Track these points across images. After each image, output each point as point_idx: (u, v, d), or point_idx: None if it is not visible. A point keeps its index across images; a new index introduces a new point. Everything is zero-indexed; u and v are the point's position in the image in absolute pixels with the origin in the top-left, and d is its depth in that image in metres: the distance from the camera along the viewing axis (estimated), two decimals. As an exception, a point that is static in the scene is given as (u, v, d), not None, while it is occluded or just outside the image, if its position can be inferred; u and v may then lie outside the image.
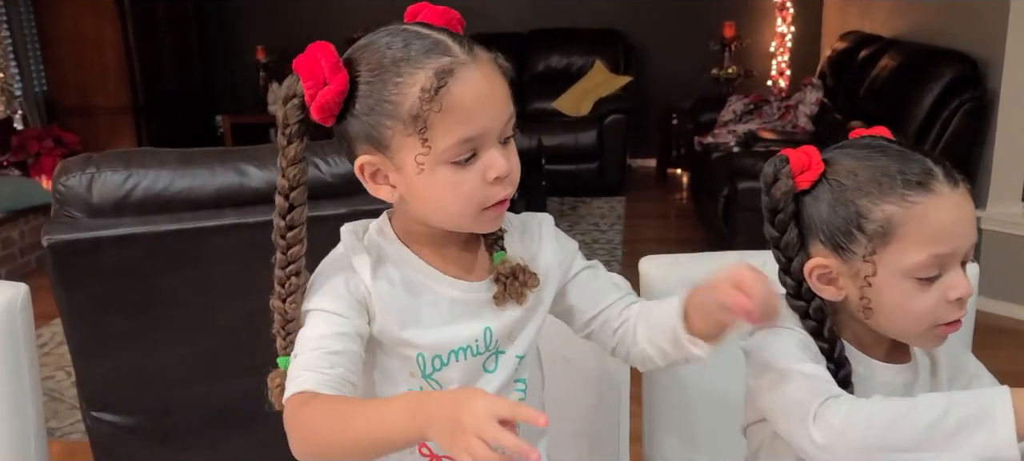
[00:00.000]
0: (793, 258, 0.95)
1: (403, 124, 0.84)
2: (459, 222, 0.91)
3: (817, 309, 0.94)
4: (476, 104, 0.85)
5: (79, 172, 1.86)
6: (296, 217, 0.90)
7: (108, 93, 5.18)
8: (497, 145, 0.88)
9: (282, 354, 0.91)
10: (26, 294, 1.21)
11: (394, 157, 0.87)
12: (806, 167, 0.92)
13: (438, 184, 0.87)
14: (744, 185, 3.45)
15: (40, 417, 1.25)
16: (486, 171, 0.87)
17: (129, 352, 1.98)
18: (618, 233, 4.72)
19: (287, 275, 0.90)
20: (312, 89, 0.85)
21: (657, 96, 5.93)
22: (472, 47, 0.87)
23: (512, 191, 0.90)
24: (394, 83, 0.84)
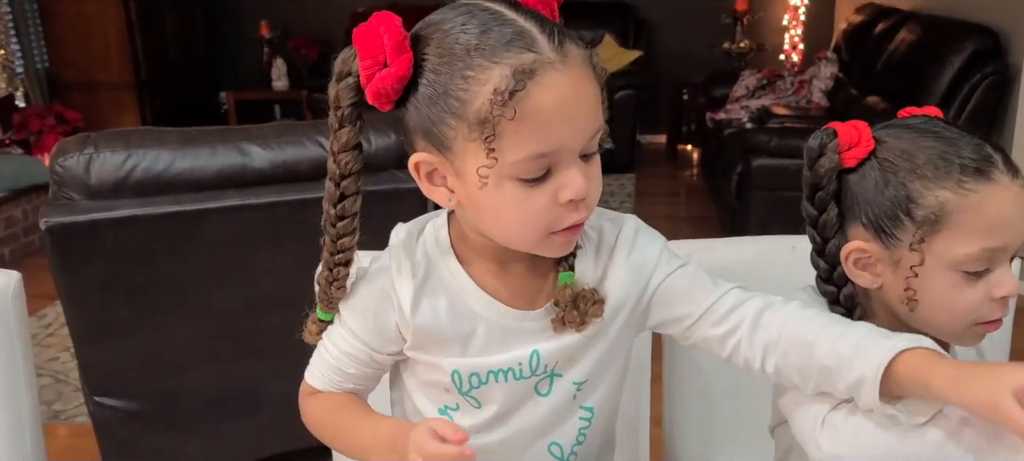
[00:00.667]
0: (830, 239, 0.89)
1: (468, 127, 0.72)
2: (522, 243, 0.79)
3: (848, 296, 0.89)
4: (558, 115, 0.71)
5: (77, 152, 1.81)
6: (347, 207, 0.80)
7: (110, 69, 5.12)
8: (577, 162, 0.75)
9: (324, 309, 0.88)
10: (18, 282, 1.16)
11: (454, 160, 0.75)
12: (855, 143, 0.85)
13: (502, 200, 0.75)
14: (759, 162, 3.38)
15: (35, 410, 1.20)
16: (559, 191, 0.74)
17: (131, 336, 1.94)
18: (628, 210, 4.62)
19: (335, 263, 0.83)
20: (369, 70, 0.73)
21: (667, 71, 5.84)
22: (563, 41, 0.73)
23: (588, 215, 0.78)
24: (463, 76, 0.71)
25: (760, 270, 1.20)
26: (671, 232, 1.30)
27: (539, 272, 0.85)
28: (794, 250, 1.20)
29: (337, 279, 0.84)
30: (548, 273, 0.86)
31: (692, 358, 1.24)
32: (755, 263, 1.21)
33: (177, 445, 2.11)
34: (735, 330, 0.86)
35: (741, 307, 0.86)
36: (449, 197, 0.78)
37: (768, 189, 3.36)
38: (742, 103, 4.69)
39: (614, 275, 0.87)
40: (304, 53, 5.80)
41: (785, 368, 0.83)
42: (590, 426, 0.93)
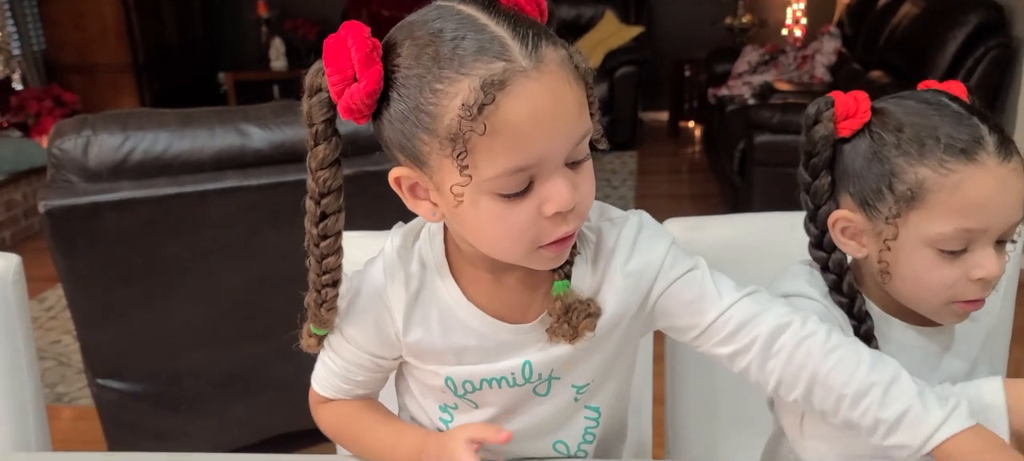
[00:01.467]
0: (821, 206, 0.91)
1: (440, 143, 0.67)
2: (508, 258, 0.75)
3: (837, 262, 0.90)
4: (533, 125, 0.66)
5: (74, 135, 1.79)
6: (330, 226, 0.76)
7: (108, 51, 5.08)
8: (561, 171, 0.69)
9: (317, 327, 0.85)
10: (18, 265, 1.15)
11: (433, 176, 0.71)
12: (851, 114, 0.86)
13: (482, 215, 0.70)
14: (761, 138, 3.36)
15: (38, 393, 1.20)
16: (543, 204, 0.69)
17: (133, 319, 1.94)
18: (630, 189, 4.64)
19: (322, 285, 0.79)
20: (338, 85, 0.69)
21: (669, 47, 5.80)
22: (538, 46, 0.67)
23: (578, 224, 0.73)
24: (432, 89, 0.66)
25: (758, 247, 1.20)
26: (674, 210, 1.29)
27: (533, 282, 0.82)
28: (792, 228, 1.18)
29: (326, 301, 0.80)
30: (543, 283, 0.82)
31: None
32: (753, 240, 1.21)
33: (181, 426, 2.11)
34: (745, 351, 0.82)
35: (751, 325, 0.81)
36: (433, 211, 0.74)
37: (771, 165, 3.34)
38: (744, 79, 4.65)
39: (611, 284, 0.82)
40: (302, 33, 5.76)
41: (806, 402, 0.81)
42: (598, 425, 0.91)
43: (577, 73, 0.70)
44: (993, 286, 0.86)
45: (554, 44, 0.69)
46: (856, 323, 0.90)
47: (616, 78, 5.33)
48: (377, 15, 5.50)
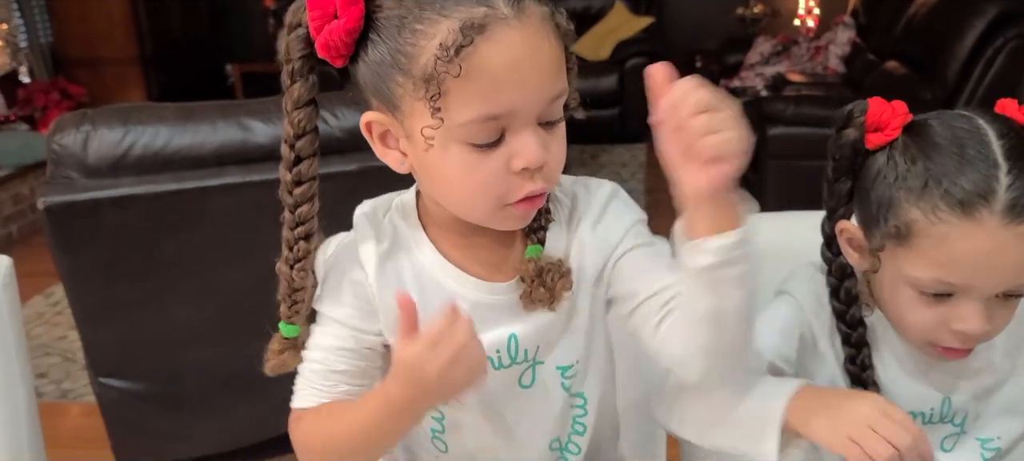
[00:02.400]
0: (837, 210, 0.88)
1: (413, 85, 0.67)
2: (474, 214, 0.75)
3: (840, 266, 0.89)
4: (509, 74, 0.66)
5: (74, 130, 1.76)
6: (304, 171, 0.75)
7: (115, 44, 5.05)
8: (533, 127, 0.70)
9: (286, 321, 0.81)
10: (9, 268, 1.11)
11: (404, 121, 0.71)
12: (881, 126, 0.81)
13: (449, 165, 0.70)
14: (775, 131, 3.30)
15: (31, 400, 1.16)
16: (512, 158, 0.69)
17: (134, 317, 1.91)
18: (640, 182, 4.58)
19: (296, 238, 0.77)
20: (318, 21, 0.69)
21: (680, 38, 5.73)
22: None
23: (547, 187, 0.73)
24: (412, 30, 0.67)
25: (778, 249, 1.15)
26: None
27: (505, 243, 0.81)
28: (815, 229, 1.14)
29: (299, 259, 0.77)
30: (515, 245, 0.81)
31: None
32: (774, 241, 1.15)
33: (184, 426, 2.08)
34: (671, 314, 0.78)
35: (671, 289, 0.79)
36: (401, 161, 0.74)
37: (784, 158, 3.28)
38: (756, 70, 4.59)
39: (580, 243, 0.82)
40: (310, 24, 5.72)
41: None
42: (586, 415, 0.88)
43: (557, 31, 0.70)
44: (979, 341, 0.82)
45: (537, 2, 0.69)
46: (848, 330, 0.88)
47: (626, 69, 5.27)
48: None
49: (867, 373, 0.88)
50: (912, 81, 3.52)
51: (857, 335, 0.88)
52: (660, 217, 1.18)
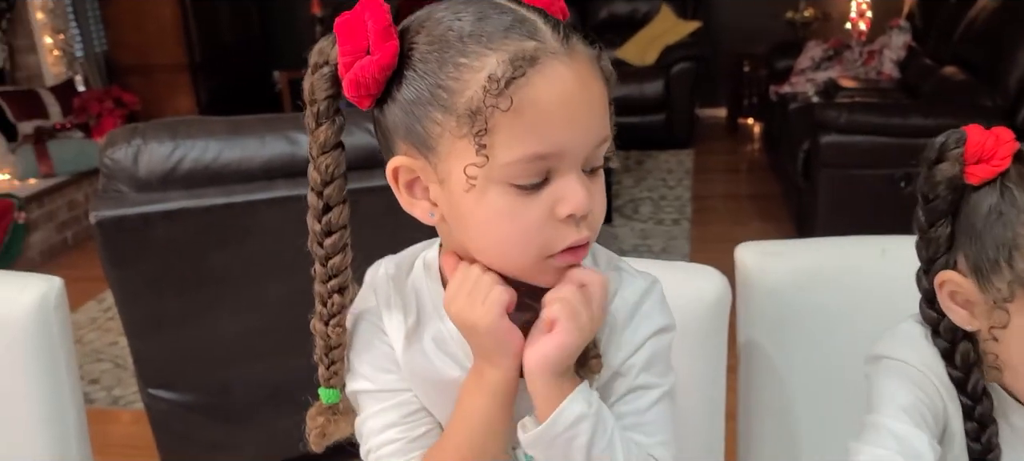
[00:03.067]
0: (936, 259, 0.76)
1: (457, 121, 0.63)
2: (514, 266, 0.68)
3: (950, 327, 0.77)
4: (561, 112, 0.63)
5: (125, 144, 1.78)
6: (335, 219, 0.70)
7: (166, 51, 5.14)
8: (578, 172, 0.65)
9: (324, 385, 0.76)
10: (61, 289, 1.11)
11: (439, 164, 0.66)
12: (985, 157, 0.71)
13: (491, 209, 0.65)
14: (827, 139, 3.21)
15: (81, 421, 1.17)
16: (557, 204, 0.65)
17: (183, 330, 1.92)
18: (686, 188, 4.51)
19: (329, 292, 0.72)
20: (349, 57, 0.64)
21: (727, 42, 5.64)
22: (570, 35, 0.65)
23: (591, 237, 0.68)
24: (455, 63, 0.63)
25: (845, 276, 1.10)
26: (732, 210, 1.19)
27: (535, 313, 0.73)
28: (884, 254, 1.09)
29: (334, 314, 0.72)
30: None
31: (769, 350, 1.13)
32: (842, 267, 1.10)
33: (232, 438, 2.09)
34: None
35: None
36: (431, 212, 0.69)
37: (838, 167, 3.20)
38: (807, 75, 4.49)
39: (606, 327, 0.74)
40: (357, 31, 5.75)
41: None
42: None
43: (603, 75, 0.67)
44: None
45: (583, 40, 0.66)
46: (970, 402, 0.76)
47: (672, 74, 5.20)
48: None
49: (993, 456, 0.76)
50: (972, 87, 3.41)
51: (982, 409, 0.75)
52: (706, 225, 1.15)
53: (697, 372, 1.08)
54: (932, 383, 0.77)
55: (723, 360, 1.10)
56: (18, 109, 4.31)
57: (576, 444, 0.68)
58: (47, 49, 4.70)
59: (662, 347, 0.75)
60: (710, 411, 1.11)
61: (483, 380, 0.70)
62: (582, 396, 0.69)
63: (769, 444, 1.19)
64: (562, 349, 0.67)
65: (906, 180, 3.04)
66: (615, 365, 0.74)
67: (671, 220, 4.03)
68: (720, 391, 1.11)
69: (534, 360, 0.68)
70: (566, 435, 0.68)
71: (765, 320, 1.11)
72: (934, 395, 0.77)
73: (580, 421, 0.67)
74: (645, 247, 3.73)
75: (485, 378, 0.70)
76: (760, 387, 1.15)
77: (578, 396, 0.68)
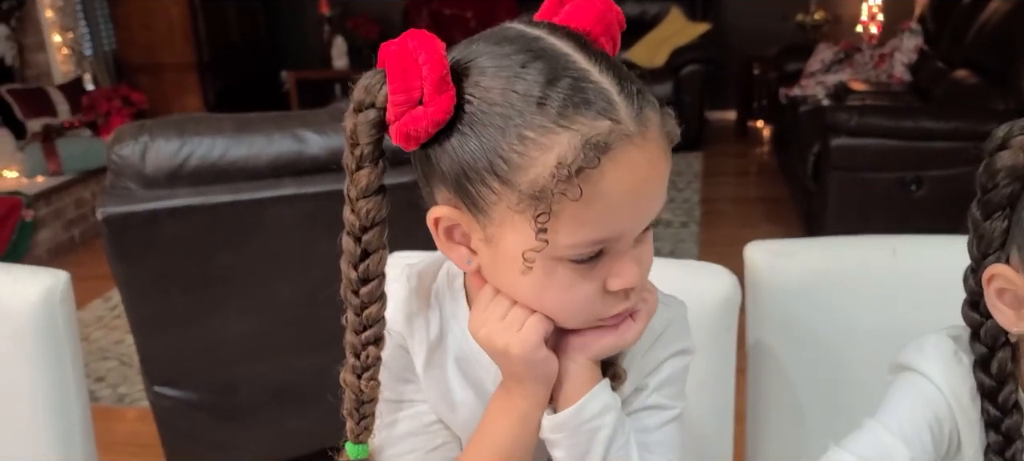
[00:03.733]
0: (989, 255, 0.71)
1: (517, 197, 0.57)
2: (563, 324, 0.66)
3: (992, 333, 0.72)
4: (629, 199, 0.58)
5: (132, 141, 1.77)
6: (373, 267, 0.65)
7: (174, 50, 5.16)
8: (631, 246, 0.62)
9: (354, 440, 0.71)
10: (67, 283, 1.11)
11: (489, 227, 0.61)
12: None
13: (539, 283, 0.61)
14: (838, 141, 3.19)
15: (86, 416, 1.16)
16: (609, 278, 0.62)
17: (189, 327, 1.91)
18: (695, 191, 4.49)
19: (363, 343, 0.67)
20: (400, 106, 0.59)
21: (737, 45, 5.63)
22: (643, 107, 0.59)
23: (636, 302, 0.66)
24: (520, 136, 0.57)
25: (858, 277, 1.08)
26: (741, 213, 1.18)
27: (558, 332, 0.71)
28: (895, 253, 1.07)
29: (368, 367, 0.67)
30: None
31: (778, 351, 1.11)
32: (853, 267, 1.09)
33: (237, 436, 2.09)
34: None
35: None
36: (469, 259, 0.65)
37: (848, 170, 3.18)
38: (817, 78, 4.47)
39: (630, 352, 0.72)
40: (364, 32, 5.76)
41: None
42: None
43: (669, 138, 0.62)
44: None
45: (653, 105, 0.60)
46: (999, 414, 0.72)
47: (681, 76, 5.19)
48: (438, 14, 5.46)
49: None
50: (984, 91, 3.38)
51: (1011, 423, 0.71)
52: (715, 228, 1.14)
53: (706, 373, 1.06)
54: (947, 404, 0.74)
55: (732, 361, 1.08)
56: (27, 107, 4.32)
57: (599, 436, 0.66)
58: (56, 47, 4.71)
59: (679, 369, 0.74)
60: (719, 412, 1.10)
61: (511, 404, 0.68)
62: (608, 389, 0.68)
63: (778, 446, 1.18)
64: (620, 342, 0.67)
65: (917, 183, 3.02)
66: (635, 382, 0.73)
67: (679, 223, 4.01)
68: (729, 392, 1.09)
69: (583, 341, 0.66)
70: (592, 425, 0.66)
71: (774, 321, 1.09)
72: (945, 417, 0.74)
73: (606, 412, 0.67)
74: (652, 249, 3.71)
75: (513, 402, 0.68)
76: (769, 389, 1.14)
77: (605, 387, 0.68)
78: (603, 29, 0.62)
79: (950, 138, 3.04)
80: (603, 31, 0.62)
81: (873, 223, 3.03)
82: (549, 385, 0.67)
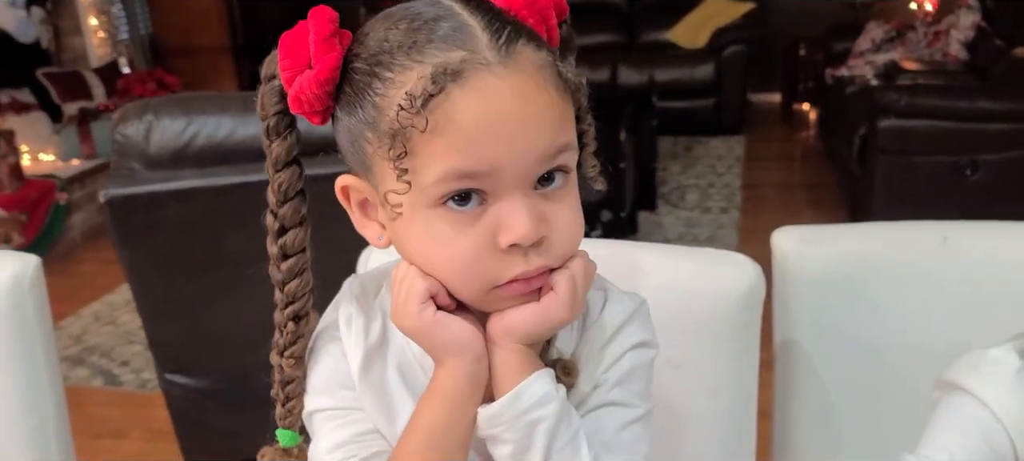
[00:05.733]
0: None
1: (380, 141, 0.56)
2: (461, 297, 0.61)
3: None
4: (490, 128, 0.55)
5: (137, 120, 1.71)
6: (290, 242, 0.65)
7: (209, 33, 5.14)
8: (523, 193, 0.57)
9: (282, 424, 0.71)
10: (37, 268, 1.04)
11: (378, 186, 0.60)
12: None
13: (421, 236, 0.58)
14: (885, 123, 3.02)
15: (61, 410, 1.10)
16: (498, 232, 0.57)
17: (197, 313, 1.85)
18: (736, 176, 4.34)
19: (285, 319, 0.67)
20: (290, 71, 0.59)
21: (783, 24, 5.43)
22: (513, 41, 0.56)
23: (547, 265, 0.59)
24: (382, 79, 0.56)
25: (901, 266, 0.96)
26: (784, 199, 1.07)
27: None
28: (946, 242, 0.95)
29: (290, 344, 0.67)
30: None
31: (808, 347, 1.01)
32: (895, 256, 0.96)
33: (249, 424, 2.01)
34: None
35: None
36: (379, 235, 0.63)
37: (896, 153, 3.01)
38: (867, 58, 4.27)
39: (586, 348, 0.67)
40: (400, 14, 5.70)
41: None
42: None
43: (560, 82, 0.58)
44: None
45: (538, 46, 0.58)
46: None
47: (724, 58, 5.04)
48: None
49: None
50: (1046, 68, 3.18)
51: None
52: (756, 214, 1.04)
53: (725, 368, 0.97)
54: (1006, 435, 0.64)
55: (755, 355, 0.97)
56: (63, 90, 4.33)
57: (540, 429, 0.59)
58: (92, 31, 4.72)
59: (641, 363, 0.67)
60: (740, 411, 0.99)
61: (435, 386, 0.62)
62: (548, 377, 0.61)
63: (808, 450, 1.07)
64: (543, 318, 0.60)
65: (972, 168, 2.84)
66: (592, 379, 0.65)
67: (719, 208, 3.87)
68: (751, 390, 0.99)
69: (504, 325, 0.61)
70: (530, 416, 0.59)
71: (804, 313, 0.99)
72: (1004, 449, 0.64)
73: (547, 402, 0.60)
74: (690, 236, 3.59)
75: (437, 384, 0.62)
76: (798, 388, 1.03)
77: (544, 375, 0.61)
78: (532, 12, 0.60)
79: (1008, 119, 2.86)
80: (532, 13, 0.60)
81: (923, 211, 2.85)
82: (464, 356, 0.61)
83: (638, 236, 3.55)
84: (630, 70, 5.06)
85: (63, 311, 3.11)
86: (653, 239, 3.56)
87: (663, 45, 5.35)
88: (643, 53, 5.29)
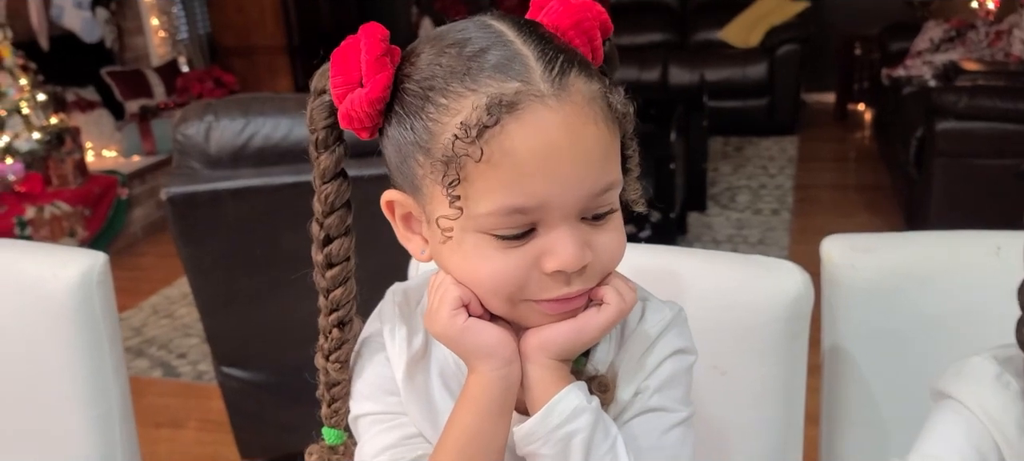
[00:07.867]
0: None
1: (432, 166, 0.58)
2: (493, 307, 0.62)
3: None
4: (537, 161, 0.55)
5: (197, 120, 1.77)
6: (335, 252, 0.68)
7: (266, 33, 5.26)
8: (571, 223, 0.58)
9: (327, 424, 0.74)
10: (105, 264, 1.09)
11: (426, 205, 0.61)
12: None
13: (468, 256, 0.60)
14: (943, 125, 2.96)
15: (126, 400, 1.14)
16: (543, 257, 0.58)
17: (255, 308, 1.91)
18: (789, 177, 4.28)
19: (330, 326, 0.70)
20: (341, 88, 0.61)
21: (838, 23, 5.35)
22: (566, 72, 0.57)
23: (588, 287, 0.61)
24: (436, 104, 0.57)
25: (952, 275, 0.95)
26: (837, 201, 1.06)
27: None
28: (999, 251, 0.94)
29: (334, 349, 0.69)
30: None
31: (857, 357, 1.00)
32: (947, 266, 0.95)
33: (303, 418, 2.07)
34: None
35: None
36: (423, 249, 0.65)
37: (954, 156, 2.94)
38: (925, 58, 4.18)
39: (624, 362, 0.68)
40: (453, 13, 5.72)
41: None
42: None
43: (610, 114, 0.59)
44: None
45: (589, 76, 0.59)
46: None
47: (777, 57, 4.97)
48: None
49: None
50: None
51: None
52: (808, 216, 1.03)
53: (772, 376, 0.96)
54: (990, 437, 0.66)
55: (803, 364, 0.97)
56: (125, 89, 4.47)
57: (576, 442, 0.61)
58: (153, 31, 4.86)
59: (681, 369, 0.68)
60: (787, 422, 0.99)
61: (468, 394, 0.64)
62: (580, 390, 0.62)
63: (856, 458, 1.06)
64: (579, 334, 0.62)
65: (1032, 172, 2.77)
66: (634, 387, 0.67)
67: (770, 210, 3.83)
68: (799, 402, 0.98)
69: (540, 340, 0.62)
70: (565, 430, 0.61)
71: (853, 321, 0.98)
72: (989, 451, 0.65)
73: (579, 414, 0.61)
74: (740, 238, 3.55)
75: (470, 391, 0.64)
76: (846, 395, 1.02)
77: (575, 389, 0.62)
78: (578, 32, 0.61)
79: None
80: (578, 34, 0.61)
81: (982, 215, 2.78)
82: (493, 360, 0.62)
83: (688, 237, 3.53)
84: (681, 70, 5.03)
85: (125, 304, 3.22)
86: (702, 240, 3.54)
87: (715, 44, 5.31)
88: (695, 52, 5.25)
